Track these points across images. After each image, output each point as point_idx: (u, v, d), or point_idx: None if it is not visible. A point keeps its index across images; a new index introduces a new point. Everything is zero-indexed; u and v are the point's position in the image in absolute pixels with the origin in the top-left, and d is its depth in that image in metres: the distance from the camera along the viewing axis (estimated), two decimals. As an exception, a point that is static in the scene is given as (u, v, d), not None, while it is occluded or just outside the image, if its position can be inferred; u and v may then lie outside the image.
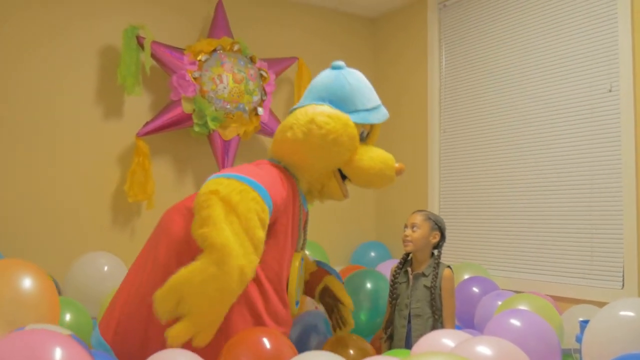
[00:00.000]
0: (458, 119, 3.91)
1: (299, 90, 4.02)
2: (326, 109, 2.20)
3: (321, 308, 2.66)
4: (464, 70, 3.88)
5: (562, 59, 3.26)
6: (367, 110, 2.31)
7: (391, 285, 2.57)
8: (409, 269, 2.55)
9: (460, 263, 3.53)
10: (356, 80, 2.35)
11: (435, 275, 2.46)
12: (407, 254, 2.60)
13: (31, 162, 3.28)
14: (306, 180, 2.33)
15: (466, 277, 3.19)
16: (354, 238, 4.40)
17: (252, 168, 2.02)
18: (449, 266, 2.52)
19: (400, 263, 2.60)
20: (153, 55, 3.44)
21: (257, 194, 1.83)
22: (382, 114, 2.39)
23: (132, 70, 3.40)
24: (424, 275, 2.49)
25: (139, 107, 3.61)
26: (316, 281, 2.57)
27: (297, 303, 2.25)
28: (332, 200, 2.49)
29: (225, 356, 1.71)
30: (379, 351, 2.66)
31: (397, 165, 2.37)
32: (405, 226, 2.55)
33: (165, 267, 1.88)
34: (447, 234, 2.61)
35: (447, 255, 3.77)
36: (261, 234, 1.80)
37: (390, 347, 2.53)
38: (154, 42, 3.44)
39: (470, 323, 2.90)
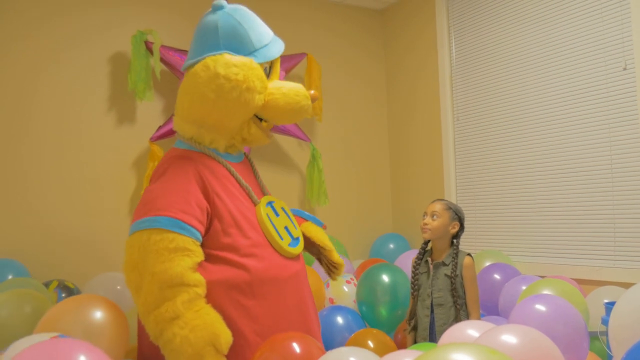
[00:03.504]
0: (471, 106, 3.88)
1: (309, 86, 4.01)
2: (227, 58, 1.99)
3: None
4: (475, 58, 3.85)
5: (575, 38, 3.21)
6: (265, 46, 2.11)
7: (412, 276, 2.56)
8: (429, 259, 2.54)
9: (481, 251, 3.51)
10: (245, 17, 2.12)
11: (456, 264, 2.45)
12: (426, 244, 2.59)
13: (47, 171, 3.31)
14: (224, 138, 2.13)
15: (487, 264, 3.17)
16: (372, 231, 4.39)
17: (155, 194, 1.93)
18: (469, 254, 2.51)
19: (419, 253, 2.59)
20: (162, 60, 3.45)
21: (162, 231, 1.83)
22: (279, 46, 2.18)
23: (143, 75, 3.41)
24: (444, 264, 2.48)
25: (151, 112, 3.62)
26: None
27: (293, 243, 2.14)
28: (258, 145, 2.29)
29: None
30: (402, 342, 2.66)
31: (311, 92, 2.17)
32: (425, 214, 2.54)
33: None
34: (466, 222, 2.60)
35: (467, 243, 3.75)
36: (177, 268, 1.79)
37: (415, 338, 2.52)
38: (163, 47, 3.45)
39: (493, 310, 2.88)
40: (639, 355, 1.54)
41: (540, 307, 1.98)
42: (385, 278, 2.90)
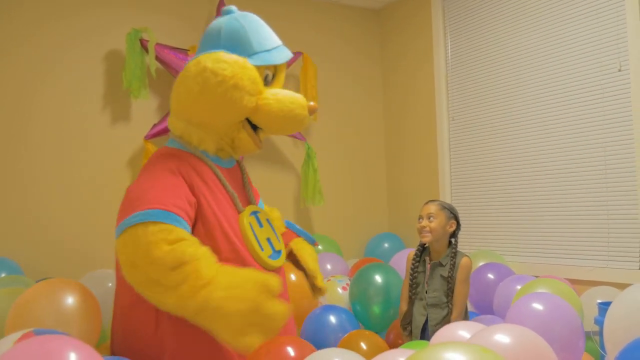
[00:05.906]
0: (466, 106, 3.88)
1: (304, 85, 4.01)
2: (220, 54, 1.96)
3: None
4: (471, 58, 3.85)
5: (570, 40, 3.22)
6: (267, 51, 2.08)
7: (411, 274, 2.55)
8: (427, 258, 2.53)
9: (475, 251, 3.51)
10: (250, 21, 2.11)
11: (453, 265, 2.45)
12: (424, 244, 2.58)
13: (42, 170, 3.30)
14: (212, 139, 2.08)
15: (481, 264, 3.18)
16: (367, 230, 4.39)
17: (144, 189, 1.86)
18: (466, 255, 2.50)
19: (418, 250, 2.58)
20: (157, 58, 3.44)
21: (158, 223, 1.73)
22: (284, 54, 2.16)
23: (137, 73, 3.40)
24: (441, 264, 2.48)
25: (146, 110, 3.61)
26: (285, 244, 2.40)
27: (274, 255, 2.10)
28: (247, 153, 2.26)
29: None
30: (396, 340, 2.65)
31: (310, 104, 2.12)
32: (420, 217, 2.52)
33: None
34: (460, 222, 2.59)
35: (461, 243, 3.74)
36: (176, 252, 1.69)
37: (410, 336, 2.52)
38: (158, 45, 3.44)
39: (487, 310, 2.89)
40: (631, 356, 1.54)
41: (538, 306, 1.97)
42: (378, 278, 2.90)
